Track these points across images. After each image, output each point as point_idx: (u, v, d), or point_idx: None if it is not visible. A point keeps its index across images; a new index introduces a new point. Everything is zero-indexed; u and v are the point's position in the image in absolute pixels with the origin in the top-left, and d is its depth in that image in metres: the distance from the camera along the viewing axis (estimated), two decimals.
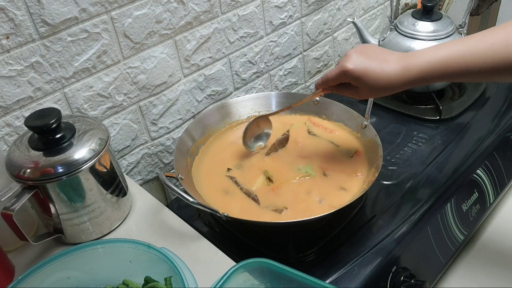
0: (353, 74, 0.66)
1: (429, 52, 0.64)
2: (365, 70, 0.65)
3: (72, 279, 0.57)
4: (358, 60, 0.66)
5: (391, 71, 0.64)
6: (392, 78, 0.64)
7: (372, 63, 0.65)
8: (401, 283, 0.73)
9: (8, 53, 0.67)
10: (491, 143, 0.96)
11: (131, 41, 0.81)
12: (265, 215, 0.74)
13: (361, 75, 0.65)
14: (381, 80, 0.65)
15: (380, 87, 0.65)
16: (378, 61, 0.65)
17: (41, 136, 0.63)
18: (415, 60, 0.64)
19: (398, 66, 0.64)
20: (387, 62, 0.65)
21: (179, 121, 0.96)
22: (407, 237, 0.77)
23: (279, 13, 1.04)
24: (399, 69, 0.64)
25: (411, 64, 0.63)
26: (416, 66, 0.63)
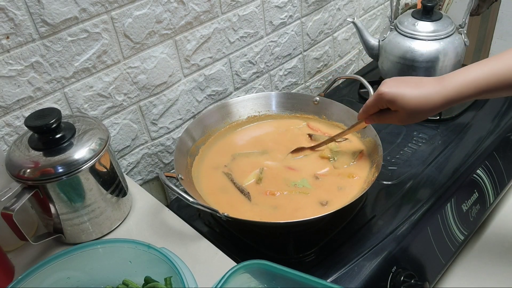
0: (388, 96, 0.68)
1: (462, 72, 0.66)
2: (400, 92, 0.67)
3: (72, 279, 0.57)
4: (392, 83, 0.68)
5: (426, 92, 0.66)
6: (429, 98, 0.66)
7: (407, 86, 0.67)
8: (401, 283, 0.73)
9: (8, 53, 0.67)
10: (491, 143, 0.96)
11: (131, 41, 0.81)
12: (256, 211, 0.75)
13: (396, 97, 0.67)
14: (418, 101, 0.66)
15: (417, 108, 0.67)
16: (413, 84, 0.67)
17: (41, 136, 0.63)
18: (449, 80, 0.65)
19: (435, 86, 0.66)
20: (423, 84, 0.67)
21: (179, 121, 0.96)
22: (407, 237, 0.77)
23: (279, 13, 1.04)
24: (434, 90, 0.66)
25: (445, 85, 0.65)
26: (450, 86, 0.65)
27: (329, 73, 1.29)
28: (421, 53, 1.03)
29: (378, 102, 0.70)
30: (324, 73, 1.27)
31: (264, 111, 0.95)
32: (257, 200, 0.77)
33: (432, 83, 0.67)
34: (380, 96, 0.69)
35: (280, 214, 0.74)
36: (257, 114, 0.95)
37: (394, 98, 0.67)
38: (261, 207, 0.76)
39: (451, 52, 1.03)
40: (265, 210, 0.75)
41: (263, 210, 0.75)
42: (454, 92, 0.65)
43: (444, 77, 0.67)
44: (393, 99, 0.67)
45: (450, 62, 1.04)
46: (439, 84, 0.66)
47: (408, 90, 0.67)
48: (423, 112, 0.67)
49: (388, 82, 0.69)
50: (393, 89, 0.67)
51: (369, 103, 0.72)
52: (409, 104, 0.67)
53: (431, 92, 0.66)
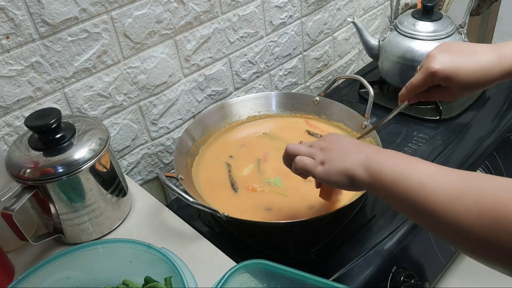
0: (443, 73, 0.60)
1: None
2: (455, 67, 0.59)
3: (72, 279, 0.57)
4: (444, 58, 0.60)
5: (486, 62, 0.59)
6: (488, 69, 0.59)
7: (461, 58, 0.60)
8: (401, 283, 0.73)
9: (8, 53, 0.67)
10: (491, 143, 0.96)
11: (131, 41, 0.81)
12: (239, 204, 0.76)
13: (452, 73, 0.60)
14: (476, 73, 0.59)
15: (475, 82, 0.60)
16: (467, 55, 0.60)
17: (41, 136, 0.63)
18: (507, 51, 0.59)
19: (492, 56, 0.59)
20: (477, 54, 0.60)
21: (179, 121, 0.96)
22: (407, 237, 0.77)
23: (279, 13, 1.04)
24: (495, 58, 0.59)
25: (507, 52, 0.59)
26: (510, 57, 0.58)
27: (329, 73, 1.29)
28: (421, 53, 1.03)
29: (430, 80, 0.62)
30: (324, 73, 1.27)
31: (264, 111, 0.95)
32: (242, 195, 0.79)
33: (488, 52, 0.59)
34: (433, 74, 0.60)
35: (259, 212, 0.75)
36: (257, 114, 0.95)
37: (450, 74, 0.59)
38: (243, 201, 0.78)
39: None
40: (246, 205, 0.77)
41: (244, 205, 0.77)
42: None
43: (500, 46, 0.59)
44: (448, 75, 0.59)
45: None
46: (497, 54, 0.58)
47: (462, 62, 0.59)
48: (480, 85, 0.60)
49: (437, 55, 0.61)
50: (447, 65, 0.59)
51: (416, 82, 0.63)
52: (466, 79, 0.59)
53: (489, 63, 0.58)
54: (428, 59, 0.62)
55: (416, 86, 0.64)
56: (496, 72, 0.59)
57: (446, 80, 0.61)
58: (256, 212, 0.75)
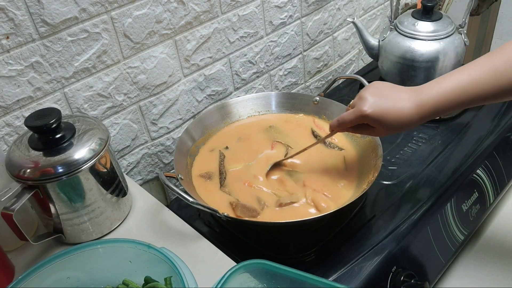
0: (372, 117, 0.67)
1: (437, 85, 0.66)
2: (382, 113, 0.67)
3: (72, 279, 0.57)
4: (374, 103, 0.67)
5: (407, 111, 0.66)
6: (408, 117, 0.66)
7: (388, 105, 0.67)
8: (401, 283, 0.73)
9: (8, 53, 0.67)
10: (491, 143, 0.96)
11: (131, 41, 0.81)
12: (221, 198, 0.77)
13: (379, 118, 0.67)
14: (398, 120, 0.66)
15: (396, 126, 0.67)
16: (393, 102, 0.67)
17: (41, 136, 0.63)
18: (426, 96, 0.65)
19: (412, 105, 0.66)
20: (401, 101, 0.67)
21: (179, 121, 0.96)
22: (407, 237, 0.77)
23: (279, 13, 1.04)
24: (414, 108, 0.66)
25: (424, 101, 0.65)
26: (428, 102, 0.65)
27: (329, 73, 1.29)
28: (421, 53, 1.03)
29: (360, 120, 0.69)
30: (324, 73, 1.27)
31: (264, 111, 0.95)
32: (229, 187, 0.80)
33: (410, 101, 0.66)
34: (364, 117, 0.68)
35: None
36: (257, 114, 0.95)
37: (378, 119, 0.67)
38: (226, 194, 0.78)
39: (451, 52, 1.03)
40: (226, 199, 0.77)
41: (224, 198, 0.78)
42: (432, 111, 0.65)
43: (419, 92, 0.66)
44: (376, 119, 0.67)
45: (450, 62, 1.04)
46: (416, 103, 0.66)
47: (388, 109, 0.67)
48: (401, 128, 0.68)
49: (368, 99, 0.68)
50: (376, 110, 0.67)
51: (347, 119, 0.71)
52: (389, 122, 0.67)
53: (409, 110, 0.66)
54: (360, 101, 0.69)
55: (347, 123, 0.72)
56: (415, 120, 0.66)
57: (374, 122, 0.68)
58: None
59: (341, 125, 0.73)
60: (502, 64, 0.61)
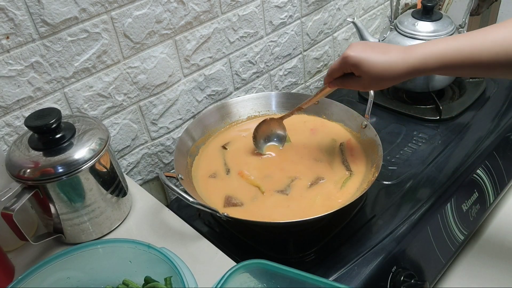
0: (353, 59, 0.67)
1: (429, 44, 0.65)
2: (365, 57, 0.66)
3: (72, 279, 0.57)
4: (359, 48, 0.67)
5: (392, 59, 0.65)
6: (392, 66, 0.65)
7: (373, 52, 0.67)
8: (401, 283, 0.73)
9: (8, 53, 0.67)
10: (491, 143, 0.96)
11: (131, 41, 0.81)
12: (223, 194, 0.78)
13: (361, 61, 0.66)
14: (382, 67, 0.66)
15: (381, 75, 0.66)
16: (379, 51, 0.67)
17: (41, 136, 0.63)
18: (415, 50, 0.65)
19: (398, 55, 0.65)
20: (388, 52, 0.66)
21: (179, 121, 0.96)
22: (407, 237, 0.77)
23: (279, 13, 1.04)
24: (400, 57, 0.65)
25: (411, 53, 0.65)
26: (415, 55, 0.64)
27: None
28: None
29: (343, 65, 0.69)
30: (324, 73, 1.27)
31: (264, 111, 0.95)
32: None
33: (398, 51, 0.66)
34: (345, 60, 0.68)
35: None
36: (257, 114, 0.95)
37: (359, 62, 0.66)
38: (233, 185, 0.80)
39: None
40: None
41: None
42: (418, 62, 0.64)
43: (412, 46, 0.66)
44: (357, 63, 0.66)
45: None
46: (405, 52, 0.65)
47: (373, 56, 0.66)
48: (387, 79, 0.67)
49: (355, 45, 0.68)
50: (358, 53, 0.66)
51: (333, 66, 0.71)
52: (373, 70, 0.66)
53: (396, 59, 0.65)
54: (348, 47, 0.69)
55: (333, 70, 0.71)
56: (402, 67, 0.65)
57: (356, 67, 0.67)
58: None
59: (329, 75, 0.73)
60: (501, 37, 0.60)
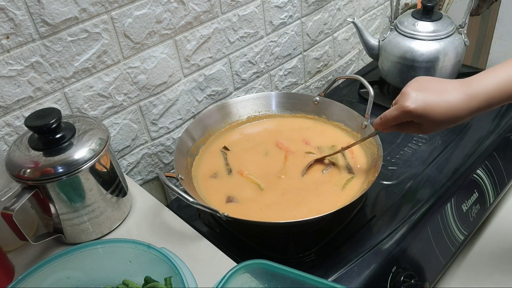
0: (416, 113, 0.63)
1: (489, 76, 0.62)
2: (428, 107, 0.62)
3: (72, 279, 0.57)
4: (418, 97, 0.63)
5: (456, 102, 0.61)
6: (458, 109, 0.61)
7: (433, 97, 0.62)
8: (401, 283, 0.73)
9: (8, 53, 0.67)
10: (491, 143, 0.96)
11: (131, 41, 0.81)
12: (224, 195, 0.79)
13: (424, 113, 0.62)
14: (446, 112, 0.62)
15: (446, 120, 0.62)
16: (438, 94, 0.62)
17: (41, 136, 0.63)
18: (477, 86, 0.61)
19: (462, 96, 0.61)
20: (448, 92, 0.62)
21: (179, 121, 0.96)
22: (407, 237, 0.77)
23: (279, 13, 1.04)
24: (464, 98, 0.61)
25: (475, 91, 0.61)
26: (481, 92, 0.61)
27: (329, 73, 1.29)
28: (421, 53, 1.03)
29: (404, 117, 0.65)
30: (324, 73, 1.27)
31: (264, 111, 0.95)
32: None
33: (458, 91, 0.61)
34: (408, 113, 0.63)
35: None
36: (257, 114, 0.95)
37: (422, 114, 0.62)
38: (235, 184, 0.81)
39: (451, 52, 1.03)
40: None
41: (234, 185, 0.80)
42: (482, 103, 0.61)
43: (468, 82, 0.62)
44: (421, 115, 0.62)
45: (450, 62, 1.04)
46: (466, 93, 0.61)
47: (434, 102, 0.62)
48: (452, 123, 0.63)
49: (411, 94, 0.63)
50: (420, 104, 0.62)
51: (390, 117, 0.66)
52: (438, 118, 0.62)
53: (459, 104, 0.61)
54: (403, 96, 0.65)
55: (390, 120, 0.67)
56: (465, 112, 0.62)
57: (419, 118, 0.63)
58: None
59: (384, 123, 0.69)
60: None
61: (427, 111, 0.62)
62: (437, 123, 0.63)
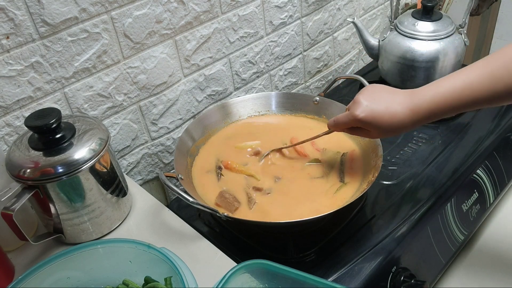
0: (364, 121, 0.69)
1: (432, 89, 0.65)
2: (375, 117, 0.68)
3: (72, 279, 0.57)
4: (367, 108, 0.68)
5: (400, 115, 0.67)
6: (401, 121, 0.67)
7: (380, 109, 0.68)
8: (401, 283, 0.73)
9: (8, 53, 0.67)
10: (491, 143, 0.96)
11: (131, 41, 0.81)
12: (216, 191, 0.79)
13: (371, 122, 0.68)
14: (391, 124, 0.67)
15: (390, 129, 0.68)
16: (385, 105, 0.68)
17: (41, 136, 0.63)
18: (419, 101, 0.66)
19: (405, 110, 0.66)
20: (394, 105, 0.67)
21: (179, 121, 0.96)
22: (407, 237, 0.77)
23: (279, 13, 1.04)
24: (407, 112, 0.66)
25: (418, 106, 0.66)
26: (422, 107, 0.65)
27: (329, 73, 1.29)
28: (421, 53, 1.03)
29: (353, 123, 0.71)
30: (324, 73, 1.27)
31: (264, 111, 0.95)
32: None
33: (403, 105, 0.67)
34: (357, 121, 0.69)
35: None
36: (257, 114, 0.95)
37: (370, 122, 0.68)
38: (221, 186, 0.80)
39: (451, 52, 1.03)
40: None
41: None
42: (423, 116, 0.66)
43: (413, 95, 0.66)
44: (368, 123, 0.68)
45: (450, 62, 1.04)
46: (410, 107, 0.66)
47: (381, 113, 0.67)
48: (395, 132, 0.69)
49: (362, 103, 0.69)
50: (368, 114, 0.68)
51: (341, 121, 0.73)
52: (382, 126, 0.68)
53: (402, 117, 0.66)
54: (354, 105, 0.70)
55: (341, 125, 0.74)
56: (408, 124, 0.67)
57: (367, 126, 0.70)
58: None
59: (336, 125, 0.75)
60: (498, 68, 0.60)
61: (374, 121, 0.68)
62: (382, 131, 0.69)
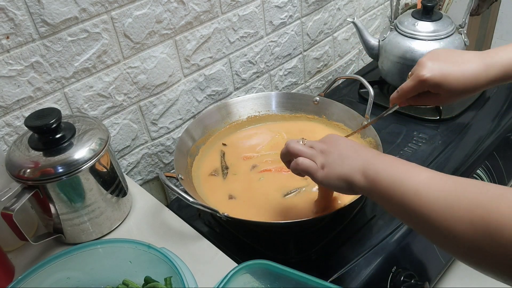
0: (432, 81, 0.63)
1: (505, 49, 0.61)
2: (444, 74, 0.62)
3: (72, 279, 0.57)
4: (434, 66, 0.63)
5: (474, 71, 0.61)
6: (476, 77, 0.61)
7: (449, 66, 0.62)
8: (401, 283, 0.73)
9: (8, 53, 0.67)
10: (491, 143, 0.96)
11: (131, 41, 0.81)
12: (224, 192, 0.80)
13: (440, 81, 0.62)
14: (464, 82, 0.62)
15: (463, 89, 0.62)
16: (455, 63, 0.62)
17: (41, 136, 0.63)
18: (495, 56, 0.61)
19: (479, 65, 0.61)
20: (465, 62, 0.62)
21: (179, 121, 0.96)
22: (408, 237, 0.77)
23: (279, 13, 1.04)
24: (482, 67, 0.61)
25: (493, 61, 0.61)
26: (498, 62, 0.61)
27: (329, 73, 1.29)
28: (421, 53, 1.03)
29: (420, 87, 0.64)
30: (324, 73, 1.27)
31: (264, 111, 0.95)
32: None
33: (476, 61, 0.61)
34: (423, 82, 0.63)
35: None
36: (257, 114, 0.95)
37: (439, 82, 0.62)
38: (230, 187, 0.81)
39: None
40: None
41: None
42: (501, 72, 0.60)
43: (487, 53, 0.61)
44: (438, 83, 0.62)
45: None
46: (484, 62, 0.61)
47: (451, 70, 0.61)
48: (468, 92, 0.63)
49: (428, 63, 0.63)
50: (436, 73, 0.62)
51: (406, 88, 0.66)
52: (454, 87, 0.62)
53: (477, 72, 0.61)
54: (418, 66, 0.65)
55: (406, 92, 0.67)
56: (483, 80, 0.61)
57: (435, 87, 0.63)
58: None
59: (401, 96, 0.68)
60: None
61: (444, 79, 0.62)
62: (454, 92, 0.62)
